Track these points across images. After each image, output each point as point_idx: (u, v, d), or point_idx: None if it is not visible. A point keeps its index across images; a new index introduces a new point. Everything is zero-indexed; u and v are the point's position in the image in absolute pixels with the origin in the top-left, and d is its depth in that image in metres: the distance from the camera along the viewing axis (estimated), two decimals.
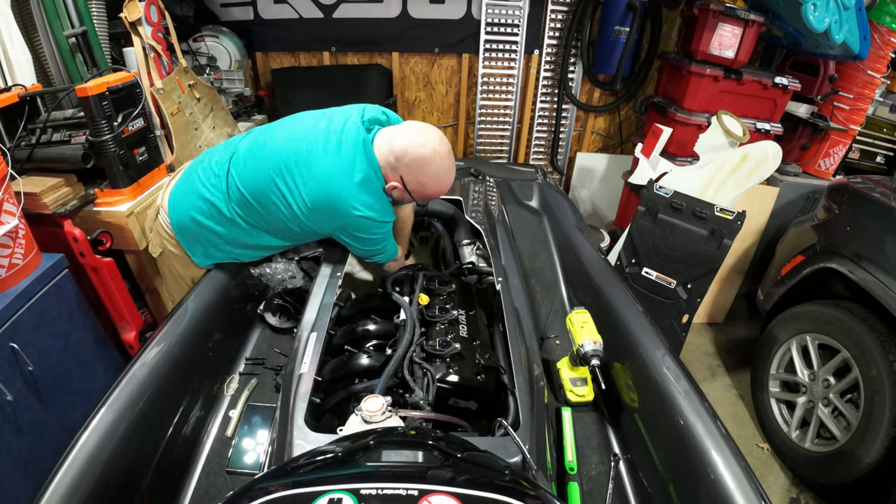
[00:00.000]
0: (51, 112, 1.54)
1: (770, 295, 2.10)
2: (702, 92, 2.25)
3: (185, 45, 2.29)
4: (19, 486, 1.21)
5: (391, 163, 1.16)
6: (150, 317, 1.77)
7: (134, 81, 1.58)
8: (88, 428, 0.90)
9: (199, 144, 1.85)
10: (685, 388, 1.04)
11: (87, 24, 1.71)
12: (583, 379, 1.29)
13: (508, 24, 2.63)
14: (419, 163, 1.15)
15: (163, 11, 1.79)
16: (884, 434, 1.50)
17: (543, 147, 3.05)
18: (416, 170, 1.16)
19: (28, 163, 1.48)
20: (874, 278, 1.60)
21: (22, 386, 1.24)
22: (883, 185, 1.88)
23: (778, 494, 1.83)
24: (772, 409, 1.98)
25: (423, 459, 0.63)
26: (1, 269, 1.22)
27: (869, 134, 2.75)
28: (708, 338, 2.58)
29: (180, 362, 1.11)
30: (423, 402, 0.94)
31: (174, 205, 1.32)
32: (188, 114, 1.82)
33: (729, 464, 0.88)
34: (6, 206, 1.22)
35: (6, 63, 1.57)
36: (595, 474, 1.13)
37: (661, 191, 1.99)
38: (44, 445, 1.29)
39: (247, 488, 0.58)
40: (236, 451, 1.12)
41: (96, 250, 1.49)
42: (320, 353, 1.06)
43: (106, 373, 1.52)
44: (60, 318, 1.37)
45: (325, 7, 2.61)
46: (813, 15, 1.90)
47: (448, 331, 1.10)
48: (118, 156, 1.51)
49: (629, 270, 2.07)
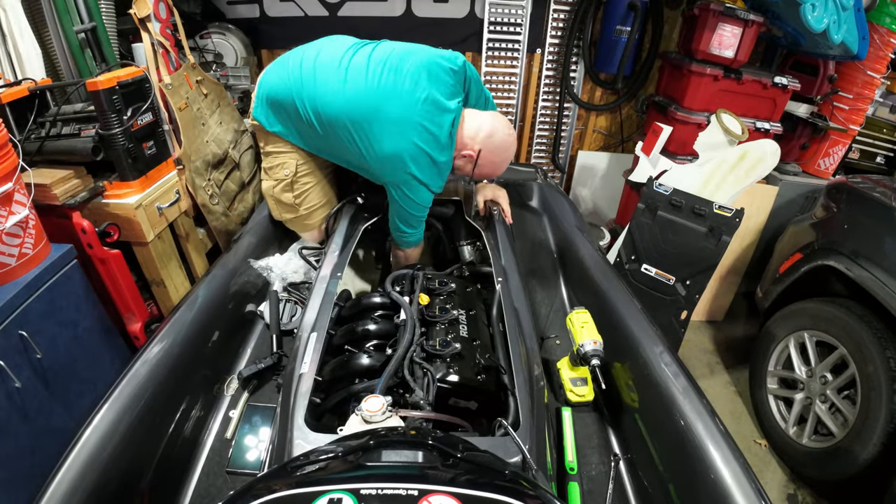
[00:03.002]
0: (61, 106, 1.57)
1: (768, 292, 2.12)
2: (702, 91, 2.27)
3: (192, 41, 2.32)
4: (25, 472, 1.23)
5: (476, 136, 1.38)
6: (157, 309, 1.79)
7: (143, 76, 1.61)
8: (90, 427, 0.90)
9: (206, 139, 1.88)
10: (684, 386, 1.05)
11: (97, 20, 1.74)
12: (583, 379, 1.30)
13: (511, 23, 2.65)
14: (502, 146, 1.41)
15: (171, 8, 1.81)
16: (880, 430, 1.51)
17: (545, 145, 3.07)
18: (494, 150, 1.40)
19: (38, 155, 1.51)
20: (871, 276, 1.62)
21: (30, 373, 1.26)
22: (882, 184, 1.89)
23: (776, 490, 1.84)
24: (770, 405, 2.00)
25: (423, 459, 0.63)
26: (11, 259, 1.24)
27: (869, 134, 2.76)
28: (707, 335, 2.59)
29: (181, 361, 1.11)
30: (423, 402, 0.94)
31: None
32: (195, 109, 1.84)
33: (728, 462, 0.89)
34: (17, 196, 1.24)
35: (16, 57, 1.60)
36: (595, 474, 1.13)
37: (660, 188, 2.01)
38: (50, 432, 1.30)
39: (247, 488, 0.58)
40: (236, 451, 1.12)
41: (104, 242, 1.50)
42: (320, 353, 1.06)
43: (112, 363, 1.53)
44: (68, 307, 1.38)
45: (331, 5, 2.64)
46: (811, 15, 1.91)
47: (448, 331, 1.10)
48: (127, 149, 1.53)
49: (629, 267, 2.09)
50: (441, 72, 1.36)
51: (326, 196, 1.67)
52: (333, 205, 1.70)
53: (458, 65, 1.40)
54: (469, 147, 1.38)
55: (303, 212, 1.63)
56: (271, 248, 1.69)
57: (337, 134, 1.38)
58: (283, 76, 1.43)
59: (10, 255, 1.24)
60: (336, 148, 1.44)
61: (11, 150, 1.23)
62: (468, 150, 1.39)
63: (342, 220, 1.61)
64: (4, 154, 1.20)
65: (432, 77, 1.34)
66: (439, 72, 1.36)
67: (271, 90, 1.45)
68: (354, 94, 1.33)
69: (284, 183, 1.57)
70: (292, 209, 1.63)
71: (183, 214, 1.81)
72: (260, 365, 1.28)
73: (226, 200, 1.99)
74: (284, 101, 1.42)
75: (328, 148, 1.49)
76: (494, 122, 1.40)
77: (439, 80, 1.35)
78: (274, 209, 1.68)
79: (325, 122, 1.38)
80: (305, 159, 1.56)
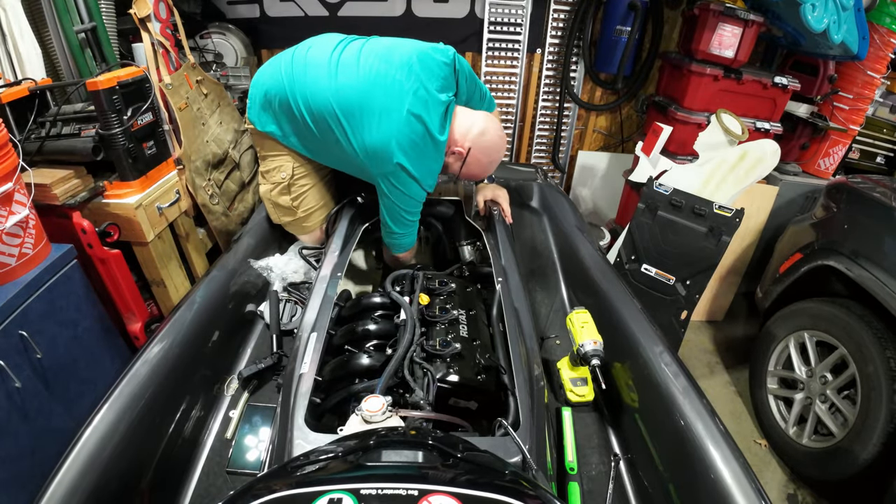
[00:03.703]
0: (61, 106, 1.57)
1: (769, 293, 2.12)
2: (702, 91, 2.27)
3: (192, 41, 2.32)
4: (25, 472, 1.23)
5: (467, 134, 1.37)
6: (157, 309, 1.79)
7: (143, 76, 1.61)
8: (90, 427, 0.90)
9: (206, 139, 1.88)
10: (684, 386, 1.05)
11: (97, 20, 1.74)
12: (583, 379, 1.30)
13: (511, 23, 2.65)
14: (493, 147, 1.40)
15: (171, 8, 1.81)
16: (880, 430, 1.51)
17: (545, 145, 3.07)
18: (484, 149, 1.39)
19: (38, 155, 1.51)
20: (871, 276, 1.62)
21: (30, 373, 1.25)
22: (882, 184, 1.89)
23: (775, 490, 1.84)
24: (770, 405, 2.00)
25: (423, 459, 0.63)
26: (11, 259, 1.24)
27: (869, 134, 2.76)
28: (707, 335, 2.59)
29: (181, 361, 1.11)
30: (423, 401, 0.94)
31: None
32: (196, 109, 1.84)
33: (728, 462, 0.89)
34: (17, 196, 1.24)
35: (16, 57, 1.60)
36: (595, 474, 1.13)
37: (660, 188, 2.01)
38: (50, 432, 1.30)
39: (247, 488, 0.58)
40: (236, 451, 1.12)
41: (104, 242, 1.51)
42: (321, 353, 1.06)
43: (112, 363, 1.53)
44: (69, 307, 1.38)
45: (331, 5, 2.64)
46: (811, 15, 1.91)
47: (448, 331, 1.10)
48: (127, 149, 1.53)
49: (629, 267, 2.09)
50: (433, 64, 1.35)
51: (324, 198, 1.67)
52: (331, 207, 1.70)
53: (448, 58, 1.38)
54: (459, 144, 1.37)
55: (301, 214, 1.63)
56: (271, 248, 1.69)
57: (329, 128, 1.37)
58: (275, 74, 1.43)
59: (10, 254, 1.24)
60: (329, 146, 1.43)
61: (11, 150, 1.23)
62: (458, 147, 1.37)
63: (342, 220, 1.62)
64: (4, 154, 1.20)
65: (424, 68, 1.33)
66: (431, 63, 1.34)
67: (263, 89, 1.45)
68: (345, 85, 1.33)
69: (281, 186, 1.57)
70: (290, 212, 1.63)
71: (183, 214, 1.81)
72: (260, 365, 1.28)
73: (226, 200, 1.99)
74: (277, 98, 1.42)
75: (321, 147, 1.48)
76: (487, 121, 1.39)
77: (430, 72, 1.33)
78: (272, 212, 1.67)
79: (316, 116, 1.37)
80: (302, 162, 1.56)
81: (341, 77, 1.34)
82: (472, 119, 1.38)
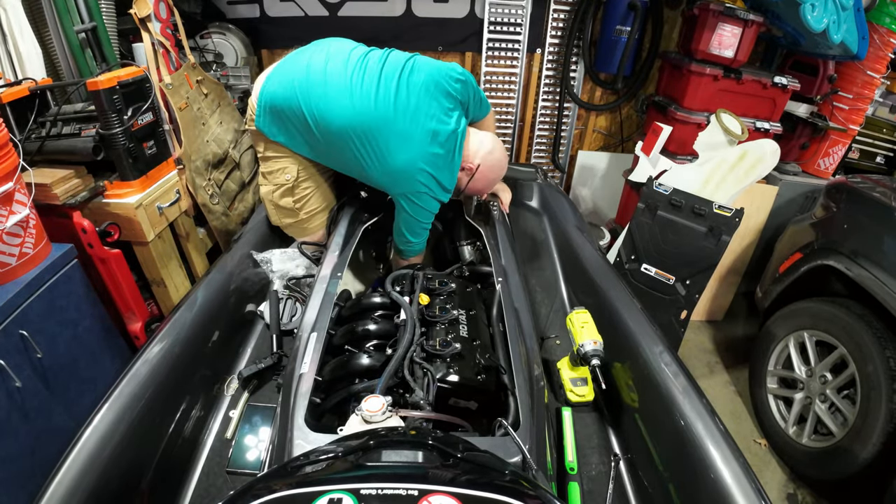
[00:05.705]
0: (61, 105, 1.57)
1: (768, 292, 2.12)
2: (701, 91, 2.27)
3: (192, 41, 2.31)
4: (26, 472, 1.23)
5: (478, 152, 1.46)
6: (157, 308, 1.79)
7: (144, 76, 1.61)
8: (90, 427, 0.90)
9: (206, 139, 1.88)
10: (684, 385, 1.05)
11: (97, 20, 1.74)
12: (583, 379, 1.30)
13: (511, 22, 2.65)
14: (498, 164, 1.51)
15: (171, 8, 1.81)
16: (880, 429, 1.51)
17: (545, 145, 3.07)
18: (491, 166, 1.49)
19: (38, 155, 1.51)
20: (871, 275, 1.62)
21: (30, 373, 1.26)
22: (882, 184, 1.89)
23: (775, 490, 1.84)
24: (769, 405, 2.00)
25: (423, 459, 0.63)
26: (12, 258, 1.24)
27: (869, 134, 2.76)
28: (707, 335, 2.59)
29: (181, 361, 1.11)
30: (423, 401, 0.94)
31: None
32: (196, 109, 1.84)
33: (728, 462, 0.89)
34: (17, 196, 1.24)
35: (16, 57, 1.60)
36: (595, 474, 1.13)
37: (660, 188, 2.01)
38: (50, 432, 1.30)
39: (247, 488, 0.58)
40: (236, 451, 1.12)
41: (104, 241, 1.51)
42: (321, 353, 1.06)
43: (112, 362, 1.54)
44: (69, 307, 1.39)
45: (331, 5, 2.64)
46: (811, 15, 1.91)
47: (448, 331, 1.10)
48: (128, 149, 1.53)
49: (628, 267, 2.09)
50: (450, 86, 1.39)
51: (326, 200, 1.67)
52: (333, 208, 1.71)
53: (465, 77, 1.44)
54: (470, 161, 1.45)
55: (303, 216, 1.63)
56: (271, 247, 1.68)
57: (346, 144, 1.38)
58: (286, 85, 1.40)
59: (10, 254, 1.24)
60: (342, 158, 1.44)
61: (12, 150, 1.24)
62: (468, 164, 1.45)
63: (343, 219, 1.62)
64: (5, 154, 1.20)
65: (441, 91, 1.38)
66: (448, 86, 1.39)
67: (275, 98, 1.42)
68: (365, 107, 1.34)
69: (285, 188, 1.57)
70: (292, 214, 1.63)
71: (183, 214, 1.82)
72: (260, 365, 1.28)
73: (226, 200, 1.99)
74: (290, 109, 1.40)
75: (333, 157, 1.49)
76: (494, 141, 1.50)
77: (448, 95, 1.39)
78: (272, 214, 1.67)
79: (333, 133, 1.38)
80: (306, 164, 1.56)
81: (362, 99, 1.34)
82: (481, 138, 1.48)
